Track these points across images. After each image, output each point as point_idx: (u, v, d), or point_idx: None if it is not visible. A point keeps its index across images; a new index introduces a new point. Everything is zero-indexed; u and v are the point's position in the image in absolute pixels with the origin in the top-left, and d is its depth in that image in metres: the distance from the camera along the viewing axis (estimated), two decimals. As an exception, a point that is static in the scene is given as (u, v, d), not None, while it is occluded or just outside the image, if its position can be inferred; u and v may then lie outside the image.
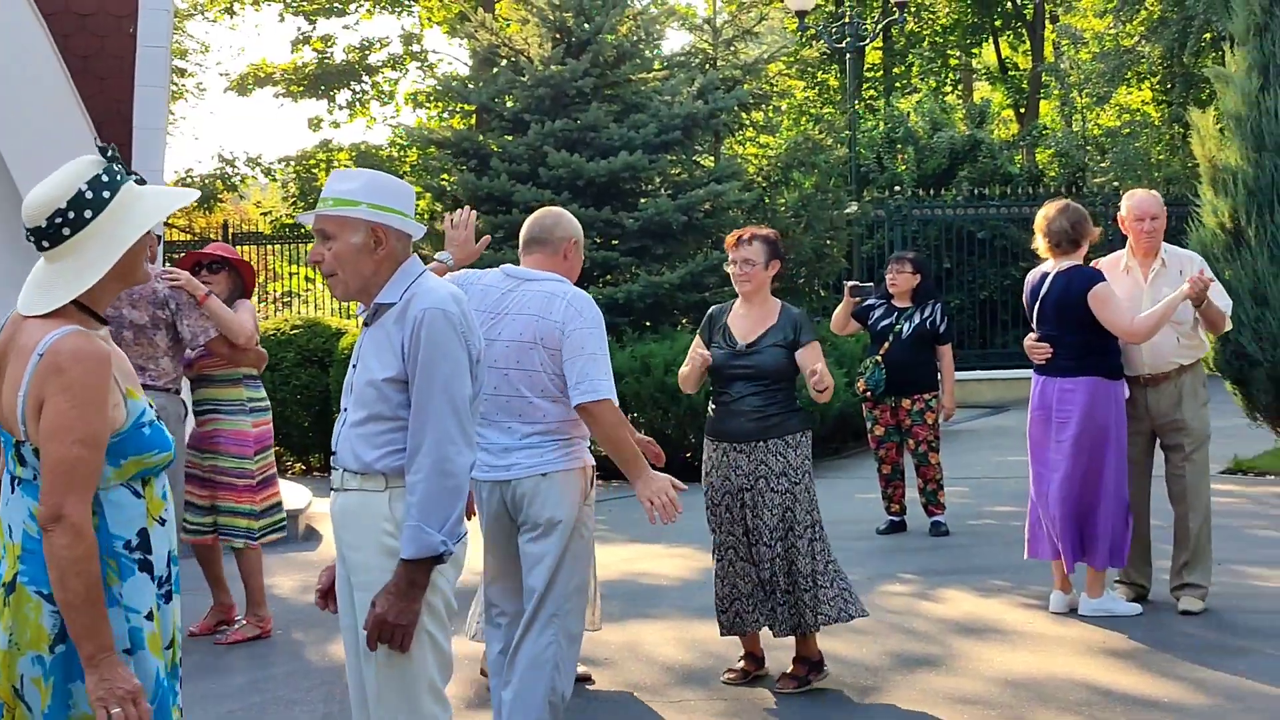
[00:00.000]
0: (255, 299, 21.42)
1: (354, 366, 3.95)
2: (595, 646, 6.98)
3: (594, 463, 5.22)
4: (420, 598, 3.74)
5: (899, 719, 5.88)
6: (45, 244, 3.21)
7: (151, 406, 3.31)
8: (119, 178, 3.26)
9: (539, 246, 5.27)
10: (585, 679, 6.48)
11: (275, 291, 24.32)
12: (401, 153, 26.41)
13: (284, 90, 28.21)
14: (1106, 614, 7.28)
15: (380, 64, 28.37)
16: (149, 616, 3.21)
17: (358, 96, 28.66)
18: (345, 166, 26.96)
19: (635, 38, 16.27)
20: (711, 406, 6.45)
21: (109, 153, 3.29)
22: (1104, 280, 7.22)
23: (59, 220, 3.19)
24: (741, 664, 6.49)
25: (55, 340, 3.11)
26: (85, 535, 3.06)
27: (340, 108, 28.63)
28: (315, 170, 26.96)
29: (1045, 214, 7.41)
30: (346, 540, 3.91)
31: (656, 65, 17.25)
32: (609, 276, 15.13)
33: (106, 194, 3.22)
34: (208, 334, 7.18)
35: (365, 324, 3.95)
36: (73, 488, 3.05)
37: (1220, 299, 7.39)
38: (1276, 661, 6.42)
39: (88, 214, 3.20)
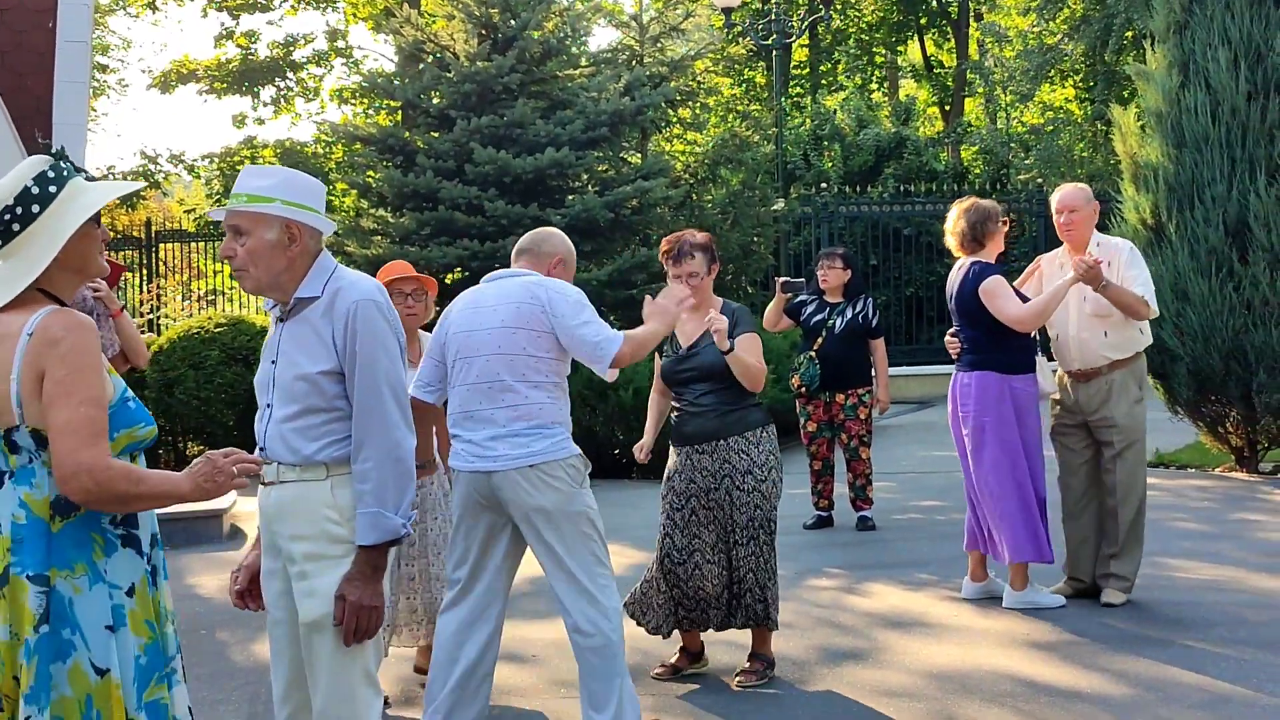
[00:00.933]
0: (179, 296, 21.26)
1: (273, 362, 3.98)
2: (522, 644, 6.96)
3: (579, 451, 5.28)
4: (383, 580, 3.83)
5: (826, 712, 5.90)
6: None
7: (126, 385, 3.39)
8: (65, 174, 3.38)
9: (526, 257, 5.42)
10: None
11: (199, 289, 24.07)
12: (327, 149, 26.24)
13: (207, 87, 27.89)
14: (1029, 605, 7.34)
15: (305, 60, 28.15)
16: (130, 593, 3.26)
17: (282, 93, 28.40)
18: (270, 163, 26.80)
19: (562, 34, 16.27)
20: (673, 414, 6.46)
21: (57, 151, 3.42)
22: (995, 274, 7.27)
23: (7, 217, 3.31)
24: (675, 659, 6.49)
25: (43, 318, 3.23)
26: (111, 465, 3.17)
27: (265, 104, 28.39)
28: (239, 167, 26.64)
29: (953, 214, 7.50)
30: (285, 532, 3.94)
31: (583, 62, 17.28)
32: (536, 273, 15.09)
33: (53, 189, 3.33)
34: (113, 349, 7.13)
35: (280, 319, 3.98)
36: (84, 442, 3.14)
37: (1141, 286, 7.39)
38: (1194, 652, 6.50)
39: (35, 209, 3.31)
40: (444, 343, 5.34)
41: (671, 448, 6.43)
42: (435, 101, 16.19)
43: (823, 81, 34.23)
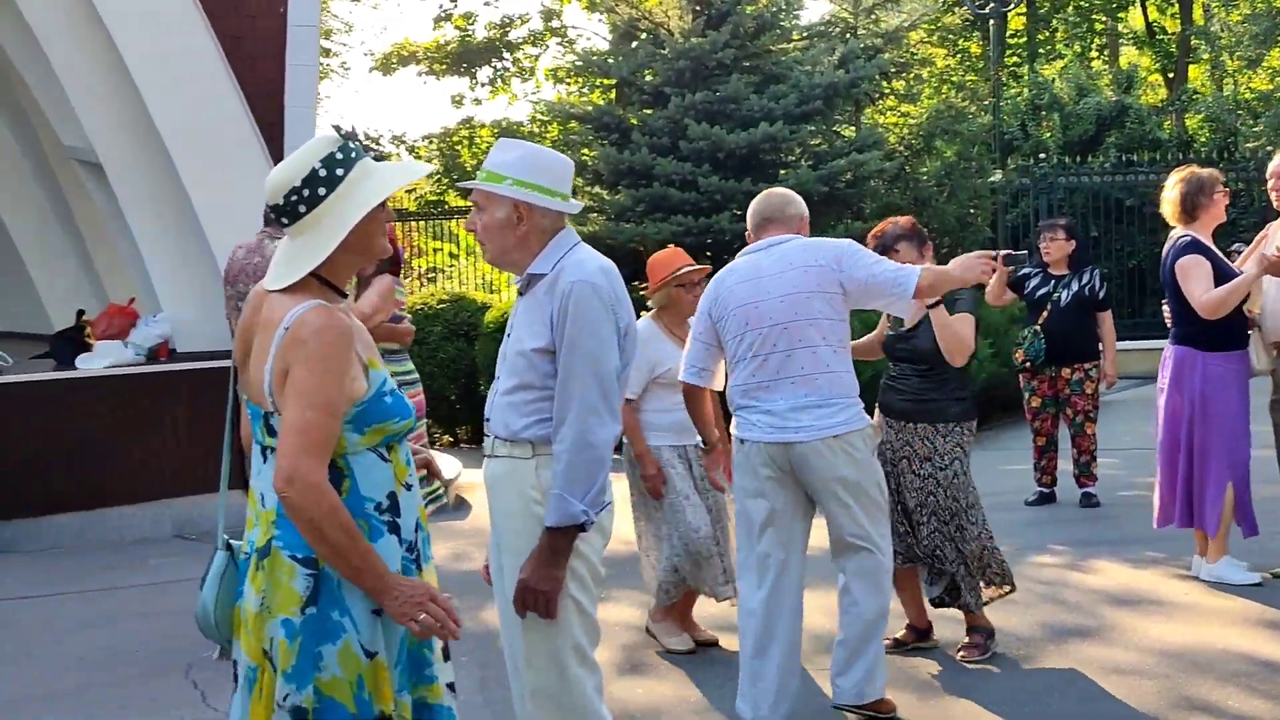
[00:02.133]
0: (403, 275, 21.75)
1: (508, 335, 4.04)
2: (718, 611, 7.00)
3: (873, 421, 5.37)
4: (564, 565, 3.82)
5: (1054, 688, 5.83)
6: (284, 221, 3.31)
7: (389, 378, 3.37)
8: (353, 155, 3.31)
9: (774, 225, 5.39)
10: (713, 643, 6.57)
11: (420, 268, 24.61)
12: (542, 128, 26.56)
13: (427, 68, 28.49)
14: (1219, 580, 7.18)
15: (521, 40, 28.56)
16: None
17: (499, 73, 28.86)
18: (488, 144, 27.26)
19: (775, 8, 16.22)
20: (883, 379, 6.48)
21: (346, 131, 3.36)
22: (1196, 253, 7.11)
23: (294, 198, 3.27)
24: (900, 634, 6.46)
25: (300, 314, 3.19)
26: (324, 490, 3.12)
27: (482, 85, 28.87)
28: (458, 147, 27.26)
29: (1170, 182, 7.35)
30: (497, 507, 4.02)
31: (796, 35, 17.20)
32: (750, 248, 15.11)
33: (340, 171, 3.27)
34: None
35: (520, 293, 4.03)
36: (305, 450, 3.11)
37: None
38: None
39: (321, 191, 3.26)
40: (718, 321, 5.35)
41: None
42: (649, 78, 16.29)
43: (1040, 50, 33.44)
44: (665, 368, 6.37)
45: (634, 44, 17.31)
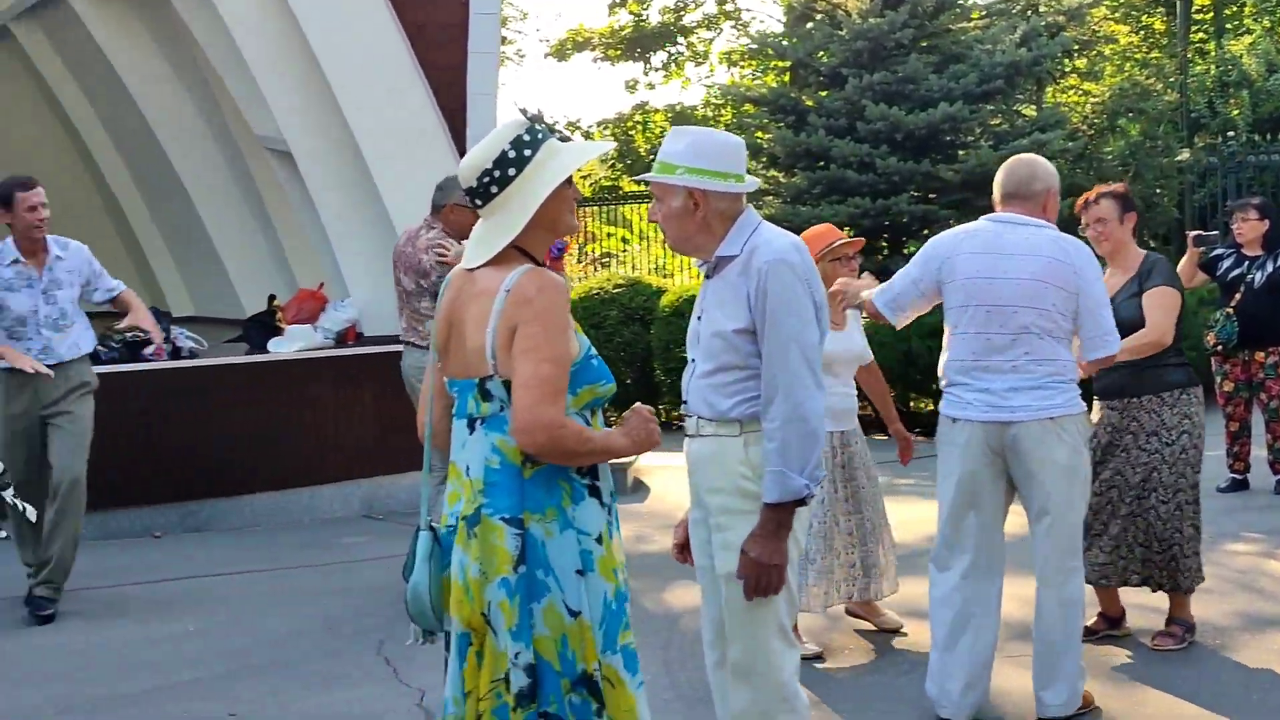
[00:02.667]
0: (575, 260, 21.91)
1: (698, 318, 4.09)
2: (902, 601, 6.94)
3: (1086, 408, 5.27)
4: (787, 538, 3.87)
5: (1253, 680, 5.69)
6: (478, 202, 3.51)
7: (591, 344, 3.55)
8: (540, 137, 3.51)
9: (1018, 202, 5.27)
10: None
11: (593, 253, 24.79)
12: (716, 112, 26.58)
13: (601, 54, 28.64)
14: None
15: (694, 24, 28.56)
16: (599, 540, 3.42)
17: (673, 57, 28.88)
18: (662, 128, 27.32)
19: (954, -13, 15.98)
20: None
21: (533, 115, 3.50)
22: None
23: (486, 180, 3.48)
24: (1091, 621, 6.35)
25: (520, 276, 3.39)
26: (566, 426, 3.32)
27: (655, 69, 28.92)
28: (632, 132, 27.35)
29: None
30: (704, 484, 4.06)
31: (975, 14, 16.93)
32: (928, 230, 14.94)
33: (528, 152, 3.47)
34: None
35: (707, 276, 4.08)
36: (544, 398, 3.29)
37: None
38: None
39: (511, 172, 3.46)
40: (944, 282, 5.26)
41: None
42: (826, 60, 16.17)
43: (1227, 26, 32.47)
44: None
45: (810, 25, 17.20)
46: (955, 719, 5.27)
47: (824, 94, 16.07)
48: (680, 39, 29.05)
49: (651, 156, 25.68)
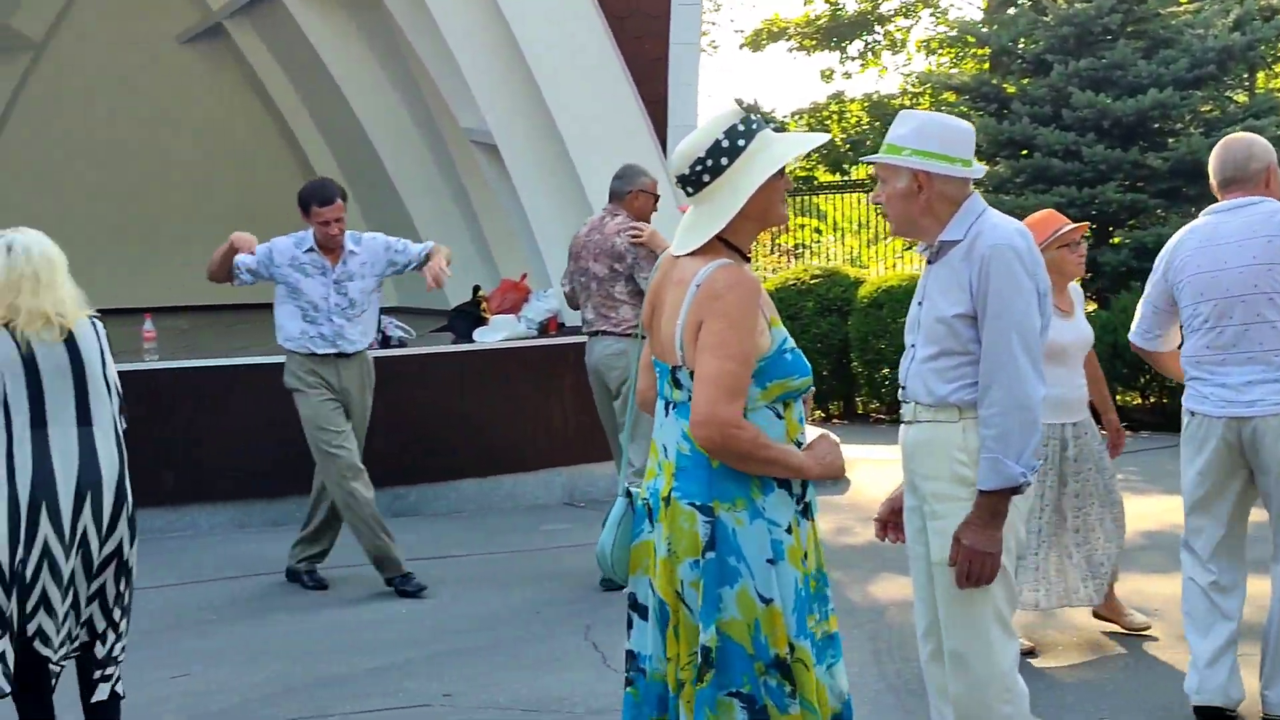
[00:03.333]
0: (767, 251, 21.87)
1: (919, 304, 4.09)
2: (1144, 598, 6.80)
3: None
4: (1001, 526, 3.85)
5: None
6: (689, 190, 3.51)
7: (789, 336, 3.51)
8: (754, 127, 3.49)
9: (1236, 186, 5.15)
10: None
11: (786, 244, 24.72)
12: (914, 101, 26.28)
13: (796, 44, 28.53)
14: None
15: (892, 12, 28.32)
16: (788, 530, 3.41)
17: (869, 46, 28.66)
18: (857, 118, 27.12)
19: (1164, -30, 15.56)
20: None
21: (748, 105, 3.50)
22: None
23: (699, 168, 3.46)
24: None
25: (712, 271, 3.39)
26: (742, 427, 3.33)
27: (851, 58, 28.72)
28: (827, 122, 27.20)
29: None
30: (919, 471, 4.05)
31: (1185, -1, 16.48)
32: (1136, 220, 14.61)
33: (741, 142, 3.45)
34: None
35: (929, 261, 4.07)
36: (722, 395, 3.30)
37: None
38: None
39: (724, 161, 3.44)
40: (1173, 285, 5.19)
41: None
42: (1029, 47, 15.89)
43: None
44: (1046, 338, 6.10)
45: (1012, 11, 16.91)
46: (1215, 703, 5.14)
47: (1027, 81, 15.79)
48: (877, 27, 28.79)
49: (847, 147, 25.63)
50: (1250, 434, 4.99)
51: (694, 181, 3.48)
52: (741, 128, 3.47)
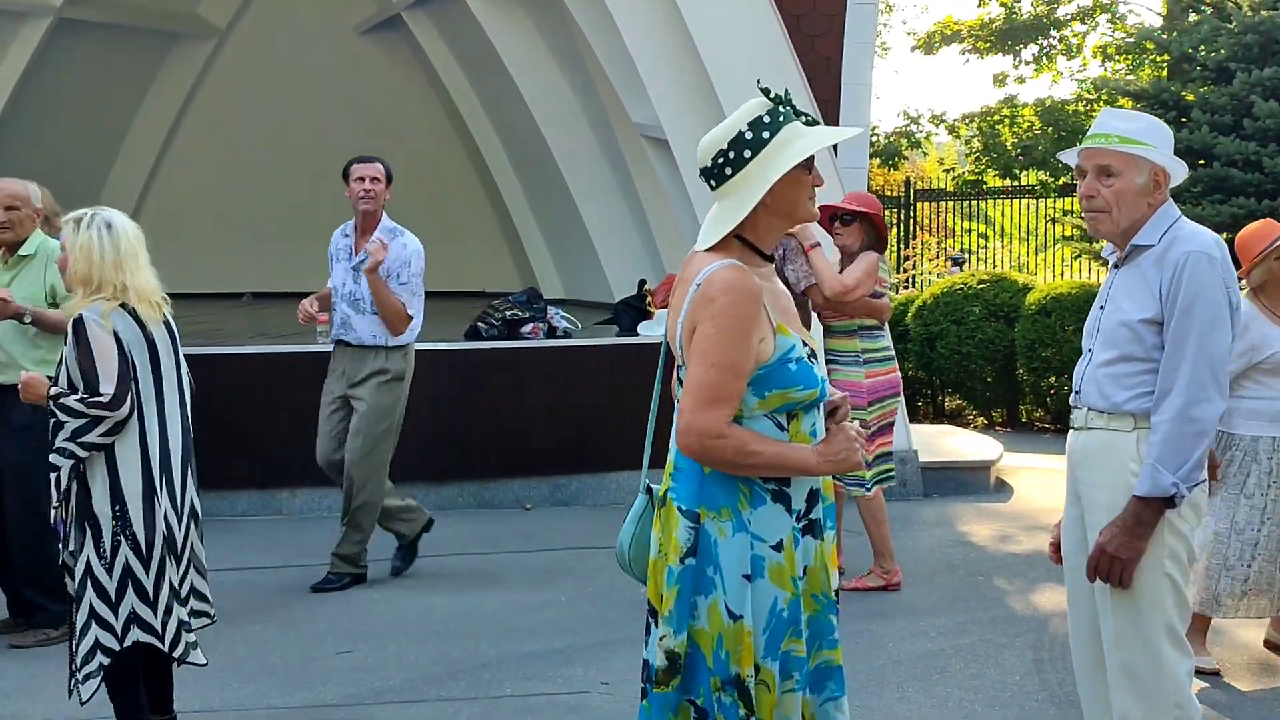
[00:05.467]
0: (927, 258, 21.65)
1: (1101, 307, 4.00)
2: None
3: None
4: (1147, 536, 3.75)
5: None
6: (712, 183, 3.37)
7: (805, 345, 3.37)
8: (781, 119, 3.34)
9: None
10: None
11: (951, 248, 24.43)
12: (1089, 107, 25.81)
13: (969, 47, 28.14)
14: None
15: (1068, 18, 27.81)
16: (777, 547, 3.29)
17: (1044, 51, 28.15)
18: (1029, 122, 26.68)
19: (1357, -24, 15.10)
20: None
21: (776, 95, 3.39)
22: None
23: (721, 160, 3.32)
24: None
25: (710, 272, 3.27)
26: (725, 436, 3.22)
27: (1025, 63, 28.23)
28: (998, 126, 26.81)
29: None
30: (1086, 479, 3.95)
31: (1378, 6, 15.95)
32: (1318, 234, 14.18)
33: (766, 134, 3.30)
34: (807, 281, 7.34)
35: (1115, 266, 3.98)
36: (702, 405, 3.21)
37: None
38: None
39: (746, 154, 3.30)
40: None
41: None
42: (1210, 54, 15.53)
43: None
44: (1270, 351, 5.93)
45: (1193, 18, 16.55)
46: None
47: (1208, 89, 15.43)
48: (1052, 32, 28.30)
49: (1018, 153, 25.23)
50: None
51: (716, 174, 3.34)
52: (767, 119, 3.32)
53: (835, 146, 10.73)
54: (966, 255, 24.04)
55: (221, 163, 17.12)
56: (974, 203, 23.97)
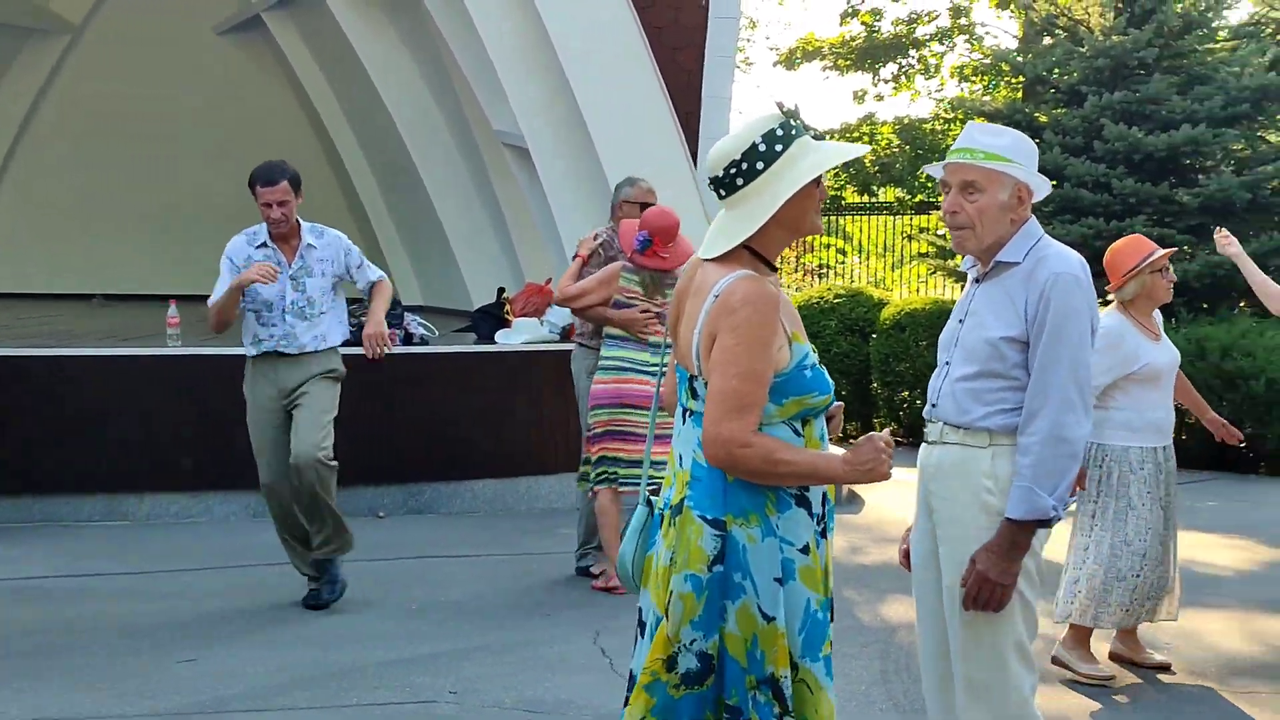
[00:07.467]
0: (791, 270, 21.80)
1: (960, 321, 3.99)
2: (1155, 632, 6.78)
3: None
4: (1021, 559, 3.76)
5: None
6: (722, 193, 3.41)
7: (814, 352, 3.42)
8: (794, 132, 3.38)
9: None
10: (1164, 668, 6.30)
11: (810, 263, 24.70)
12: (945, 126, 26.26)
13: (830, 64, 28.50)
14: None
15: (927, 37, 28.26)
16: (804, 550, 3.35)
17: (903, 70, 28.60)
18: (888, 140, 27.07)
19: (1202, 6, 15.55)
20: None
21: (789, 110, 3.43)
22: None
23: (733, 171, 3.36)
24: None
25: (730, 283, 3.30)
26: (752, 445, 3.24)
27: (885, 81, 28.65)
28: (857, 143, 27.11)
29: None
30: (939, 492, 3.95)
31: (1221, 35, 16.44)
32: (1164, 255, 14.55)
33: (779, 147, 3.35)
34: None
35: (977, 280, 3.98)
36: (729, 414, 3.22)
37: None
38: None
39: (759, 165, 3.34)
40: None
41: None
42: (1064, 77, 15.89)
43: None
44: (1141, 363, 6.08)
45: (1048, 41, 16.92)
46: None
47: (1060, 111, 15.79)
48: (911, 51, 28.74)
49: (876, 169, 25.58)
50: None
51: (727, 184, 3.39)
52: (780, 132, 3.37)
53: (694, 162, 10.79)
54: (825, 269, 24.31)
55: (74, 164, 16.76)
56: (832, 218, 24.24)
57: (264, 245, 7.22)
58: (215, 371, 9.47)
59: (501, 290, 11.91)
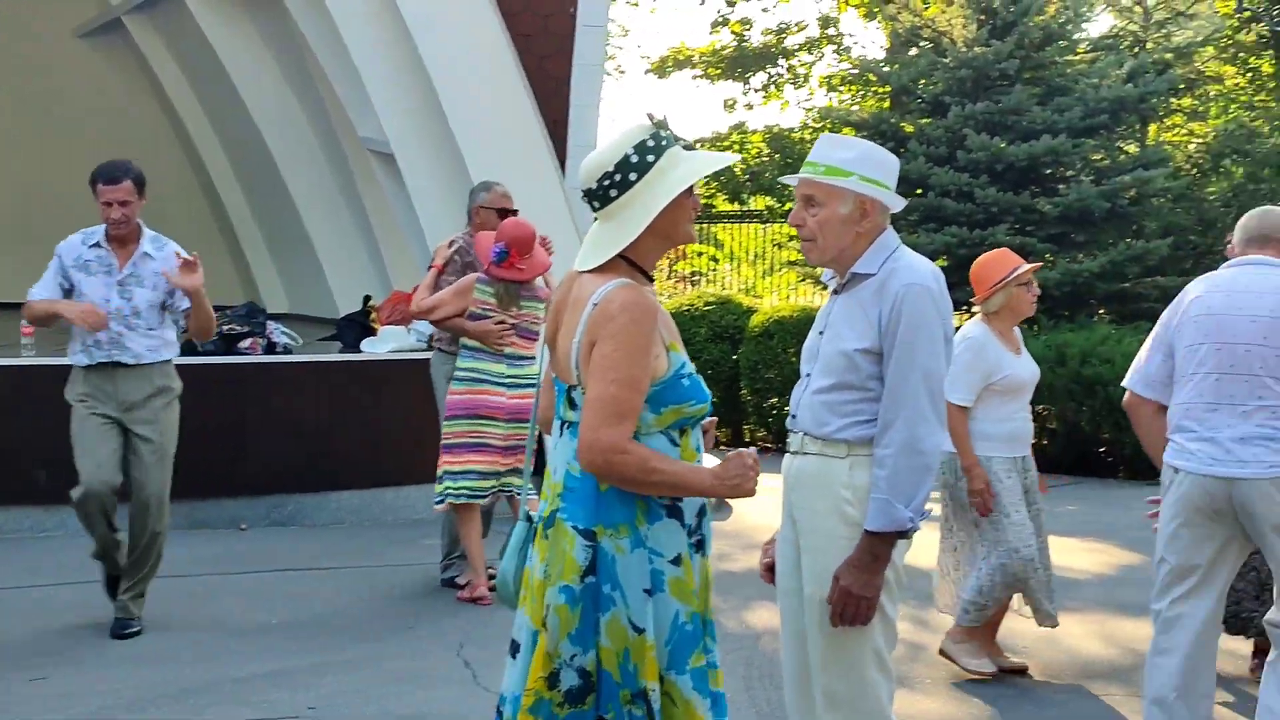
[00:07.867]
0: (664, 277, 21.85)
1: (820, 333, 3.99)
2: (1012, 636, 6.86)
3: None
4: (883, 571, 3.76)
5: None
6: (596, 205, 3.44)
7: (688, 362, 3.43)
8: (664, 143, 3.42)
9: (1261, 245, 5.03)
10: (1021, 670, 6.39)
11: (682, 270, 24.79)
12: (814, 135, 26.48)
13: (701, 72, 28.65)
14: None
15: (796, 47, 28.50)
16: (675, 561, 3.35)
17: (773, 79, 28.81)
18: (758, 149, 27.25)
19: (1062, 19, 15.87)
20: None
21: (659, 120, 3.45)
22: None
23: (606, 183, 3.40)
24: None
25: (608, 291, 3.33)
26: (628, 451, 3.26)
27: (755, 90, 28.87)
28: (728, 151, 27.24)
29: None
30: (800, 503, 3.95)
31: (1082, 48, 16.79)
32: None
33: (651, 158, 3.39)
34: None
35: (835, 292, 3.99)
36: (606, 420, 3.24)
37: None
38: None
39: (632, 176, 3.38)
40: (1175, 328, 5.01)
41: None
42: (928, 87, 16.12)
43: (1338, 70, 31.91)
44: (1002, 374, 6.16)
45: (913, 52, 17.16)
46: None
47: (925, 121, 16.01)
48: (781, 61, 28.96)
49: (746, 178, 25.74)
50: (1240, 497, 4.75)
51: (600, 196, 3.41)
52: (651, 143, 3.40)
53: (563, 170, 10.76)
54: (698, 276, 24.41)
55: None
56: (705, 226, 24.33)
57: (98, 245, 6.87)
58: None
59: (368, 298, 11.80)
